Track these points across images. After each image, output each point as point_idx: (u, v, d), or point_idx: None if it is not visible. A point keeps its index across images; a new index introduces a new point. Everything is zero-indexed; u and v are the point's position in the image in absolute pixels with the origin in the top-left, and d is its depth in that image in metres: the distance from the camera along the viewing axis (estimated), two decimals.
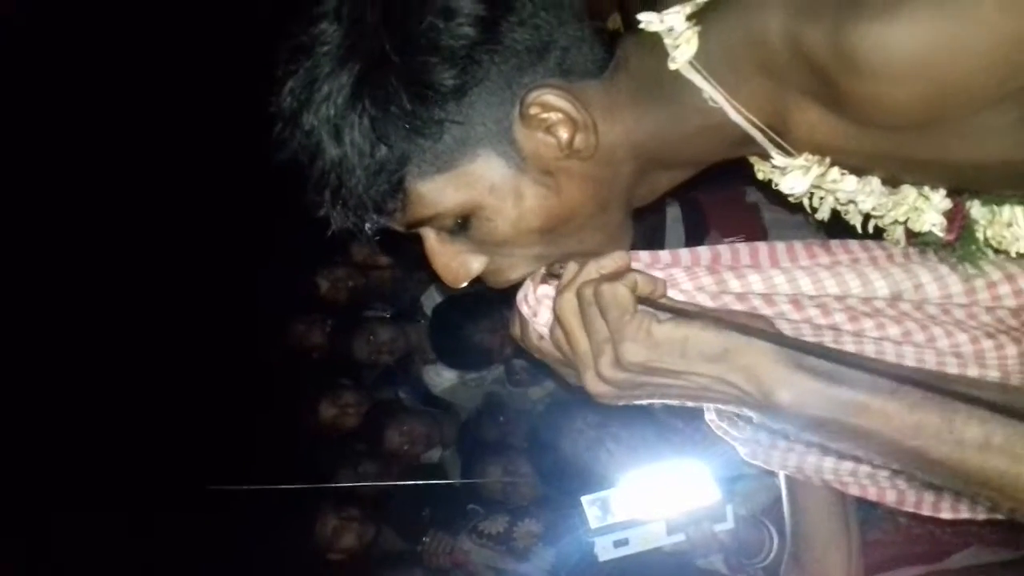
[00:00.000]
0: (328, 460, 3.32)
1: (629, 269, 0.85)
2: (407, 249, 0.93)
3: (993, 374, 0.92)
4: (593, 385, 0.84)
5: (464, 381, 3.16)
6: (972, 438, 0.71)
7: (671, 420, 2.04)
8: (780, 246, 0.98)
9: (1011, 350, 0.89)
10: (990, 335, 0.90)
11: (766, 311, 0.93)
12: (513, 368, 2.95)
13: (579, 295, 0.82)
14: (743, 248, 0.98)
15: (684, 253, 0.97)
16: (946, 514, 1.13)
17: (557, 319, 0.85)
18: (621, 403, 0.86)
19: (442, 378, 3.20)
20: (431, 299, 3.13)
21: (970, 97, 0.70)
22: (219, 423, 3.67)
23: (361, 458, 3.28)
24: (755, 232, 2.33)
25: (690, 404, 0.91)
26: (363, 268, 3.59)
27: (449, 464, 3.25)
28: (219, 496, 2.80)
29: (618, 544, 1.62)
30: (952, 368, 0.92)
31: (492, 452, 2.92)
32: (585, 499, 1.54)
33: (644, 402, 0.86)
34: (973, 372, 0.92)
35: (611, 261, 0.84)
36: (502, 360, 2.91)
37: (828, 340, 0.95)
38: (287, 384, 3.56)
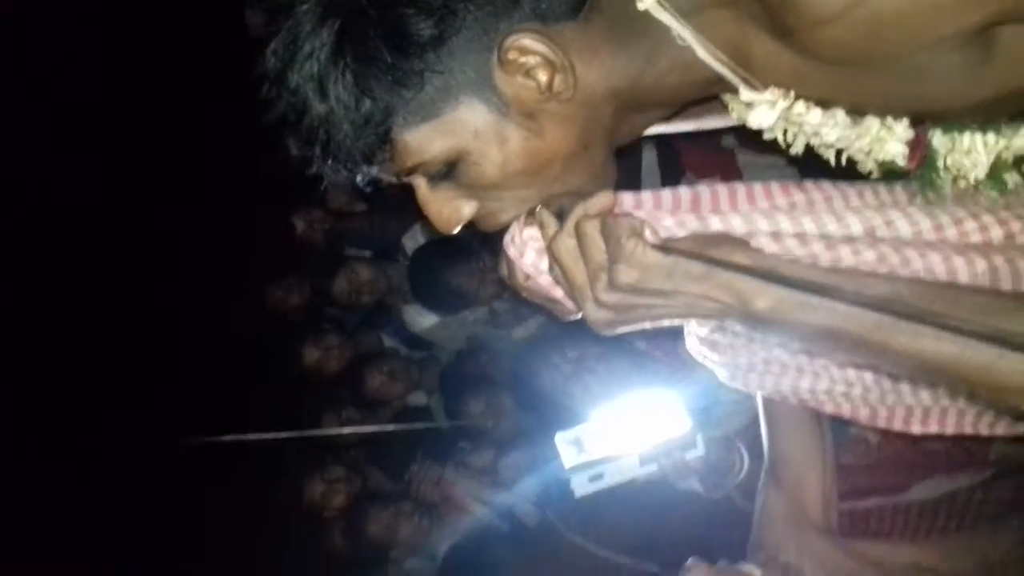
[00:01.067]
0: (312, 408, 3.36)
1: (613, 210, 0.88)
2: (384, 195, 0.96)
3: None
4: (592, 312, 0.88)
5: (445, 322, 3.17)
6: (927, 328, 0.77)
7: (650, 351, 2.08)
8: (757, 186, 1.01)
9: (980, 265, 0.94)
10: (960, 252, 0.95)
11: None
12: (496, 309, 2.97)
13: (579, 229, 0.86)
14: (722, 189, 1.00)
15: (666, 195, 0.99)
16: (916, 428, 1.18)
17: (554, 259, 0.89)
18: (618, 329, 0.91)
19: (423, 317, 3.21)
20: (413, 239, 3.14)
21: (905, 36, 0.73)
22: (201, 379, 3.68)
23: (344, 404, 3.31)
24: (730, 174, 2.36)
25: (678, 322, 0.96)
26: (340, 214, 3.58)
27: (436, 408, 3.28)
28: (202, 449, 2.84)
29: (593, 479, 1.63)
30: None
31: (473, 385, 2.96)
32: (559, 437, 1.56)
33: (637, 326, 0.90)
34: None
35: (597, 202, 0.87)
36: (480, 303, 2.94)
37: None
38: (267, 340, 3.56)
